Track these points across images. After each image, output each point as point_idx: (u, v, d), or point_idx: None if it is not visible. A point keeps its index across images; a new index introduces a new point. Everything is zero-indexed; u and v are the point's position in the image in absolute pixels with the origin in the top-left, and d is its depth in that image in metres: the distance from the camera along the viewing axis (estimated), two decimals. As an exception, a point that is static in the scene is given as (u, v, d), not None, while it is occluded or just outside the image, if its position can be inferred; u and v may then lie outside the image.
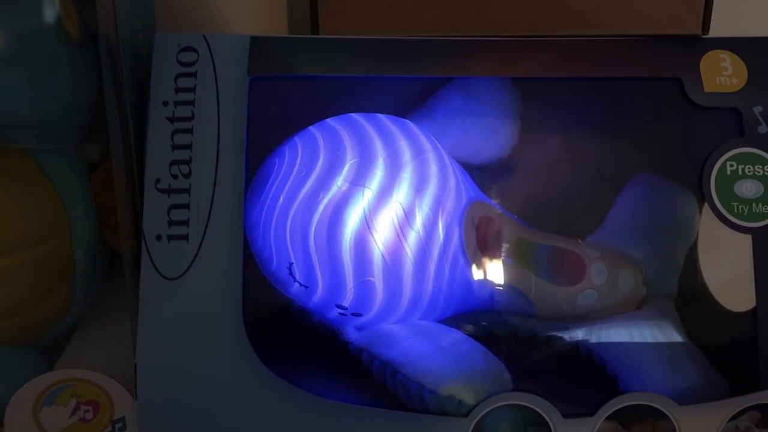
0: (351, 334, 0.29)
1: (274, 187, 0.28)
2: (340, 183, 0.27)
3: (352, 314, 0.28)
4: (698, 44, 0.29)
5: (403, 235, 0.27)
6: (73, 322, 0.29)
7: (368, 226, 0.27)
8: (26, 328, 0.27)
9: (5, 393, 0.25)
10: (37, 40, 0.25)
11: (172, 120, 0.26)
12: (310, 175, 0.27)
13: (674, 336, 0.31)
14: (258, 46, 0.27)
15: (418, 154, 0.29)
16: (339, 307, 0.28)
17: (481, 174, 0.33)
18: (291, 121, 0.29)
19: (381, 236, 0.27)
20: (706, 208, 0.29)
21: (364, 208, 0.27)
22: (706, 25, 0.29)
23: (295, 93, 0.30)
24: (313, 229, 0.27)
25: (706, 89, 0.28)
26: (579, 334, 0.31)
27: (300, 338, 0.29)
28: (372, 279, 0.27)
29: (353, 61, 0.29)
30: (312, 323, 0.30)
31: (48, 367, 0.27)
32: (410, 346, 0.28)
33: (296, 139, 0.29)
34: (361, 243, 0.27)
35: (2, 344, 0.27)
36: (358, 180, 0.27)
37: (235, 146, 0.26)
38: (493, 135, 0.34)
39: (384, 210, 0.27)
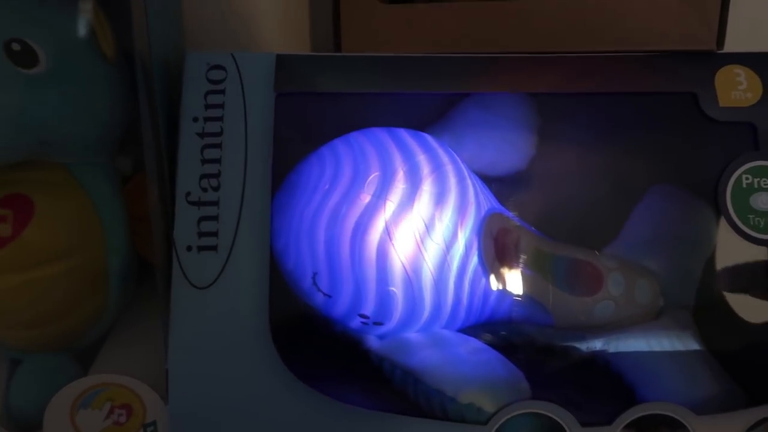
0: (372, 342, 0.30)
1: (299, 199, 0.29)
2: (362, 196, 0.28)
3: (374, 323, 0.29)
4: (713, 59, 0.30)
5: (423, 247, 0.28)
6: (106, 329, 0.30)
7: (389, 238, 0.28)
8: (62, 334, 0.28)
9: (43, 397, 0.26)
10: (75, 60, 0.26)
11: (201, 135, 0.28)
12: (334, 188, 0.28)
13: (692, 346, 0.31)
14: (283, 64, 0.28)
15: (438, 167, 0.30)
16: (361, 316, 0.29)
17: (499, 186, 0.33)
18: (315, 135, 0.30)
19: (402, 247, 0.28)
20: (722, 220, 0.30)
21: (385, 220, 0.28)
22: (720, 40, 0.29)
23: (318, 109, 0.31)
24: (336, 240, 0.28)
25: (721, 104, 0.29)
26: (596, 344, 0.32)
27: (323, 346, 0.30)
28: (393, 289, 0.28)
29: (374, 77, 0.30)
30: (335, 332, 0.30)
31: (83, 372, 0.29)
32: (430, 355, 0.28)
33: (321, 152, 0.30)
34: (383, 254, 0.28)
35: (39, 350, 0.28)
36: (380, 193, 0.28)
37: (262, 160, 0.27)
38: (510, 148, 0.35)
39: (405, 222, 0.28)
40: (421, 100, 0.34)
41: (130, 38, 0.28)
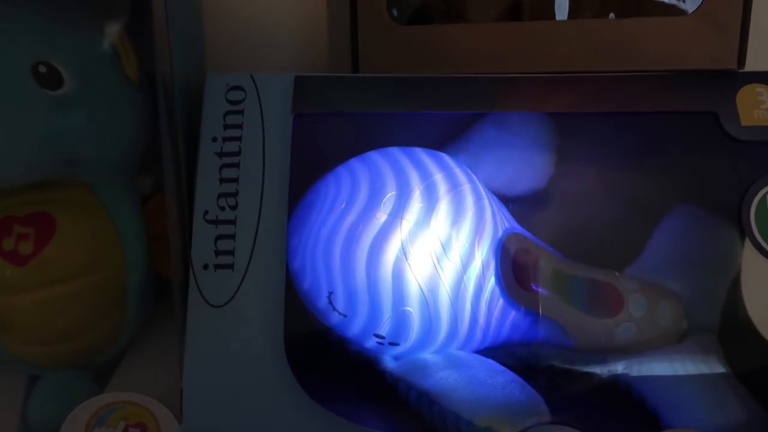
0: (388, 363, 0.30)
1: (315, 219, 0.29)
2: (378, 215, 0.28)
3: (390, 343, 0.29)
4: (734, 78, 0.29)
5: (440, 267, 0.28)
6: (124, 346, 0.30)
7: (405, 257, 0.28)
8: (81, 351, 0.28)
9: (60, 414, 0.27)
10: (99, 82, 0.27)
11: (220, 155, 0.28)
12: (351, 208, 0.28)
13: (717, 370, 0.30)
14: (301, 85, 0.29)
15: (455, 187, 0.30)
16: (377, 336, 0.29)
17: (517, 206, 0.33)
18: (332, 155, 0.30)
19: (418, 267, 0.28)
20: (747, 241, 0.29)
21: (401, 240, 0.28)
22: (741, 59, 0.29)
23: (336, 129, 0.31)
24: (352, 259, 0.28)
25: (743, 122, 0.28)
26: (617, 367, 0.31)
27: (338, 366, 0.30)
28: (409, 309, 0.28)
29: (392, 98, 0.31)
30: (350, 352, 0.30)
31: (100, 389, 0.29)
32: (447, 377, 0.28)
33: (337, 172, 0.30)
34: (399, 274, 0.27)
35: (58, 367, 0.28)
36: (396, 212, 0.28)
37: (280, 180, 0.28)
38: (528, 167, 0.34)
39: (421, 241, 0.28)
40: (439, 120, 0.34)
41: (152, 60, 0.28)
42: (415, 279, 0.28)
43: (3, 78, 0.24)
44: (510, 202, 0.33)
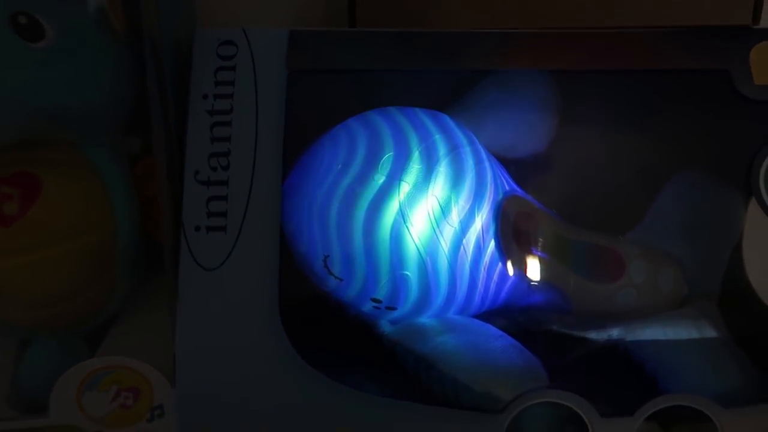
0: (385, 327, 0.29)
1: (311, 180, 0.28)
2: (376, 177, 0.27)
3: (386, 308, 0.28)
4: (748, 35, 0.28)
5: (439, 230, 0.27)
6: (113, 312, 0.29)
7: (404, 220, 0.27)
8: (70, 316, 0.28)
9: (51, 379, 0.26)
10: (84, 34, 0.25)
11: (211, 113, 0.27)
12: (348, 169, 0.27)
13: (717, 336, 0.30)
14: (296, 40, 0.28)
15: (455, 148, 0.29)
16: (374, 300, 0.28)
17: (518, 168, 0.32)
18: (328, 115, 0.29)
19: (417, 230, 0.27)
20: (753, 204, 0.28)
21: (400, 202, 0.27)
22: (756, 14, 0.28)
23: (333, 87, 0.30)
24: (349, 222, 0.27)
25: (757, 81, 0.27)
26: (617, 333, 0.31)
27: (334, 330, 0.29)
28: (407, 273, 0.27)
29: (391, 54, 0.29)
30: (346, 316, 0.30)
31: (90, 355, 0.28)
32: (445, 341, 0.28)
33: (334, 132, 0.29)
34: (397, 237, 0.27)
35: (48, 332, 0.28)
36: (394, 173, 0.27)
37: (273, 139, 0.27)
38: (530, 129, 0.33)
39: (420, 204, 0.27)
40: (439, 79, 0.33)
41: (140, 13, 0.27)
42: (413, 242, 0.27)
43: None
44: (511, 164, 0.32)
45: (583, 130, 0.35)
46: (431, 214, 0.27)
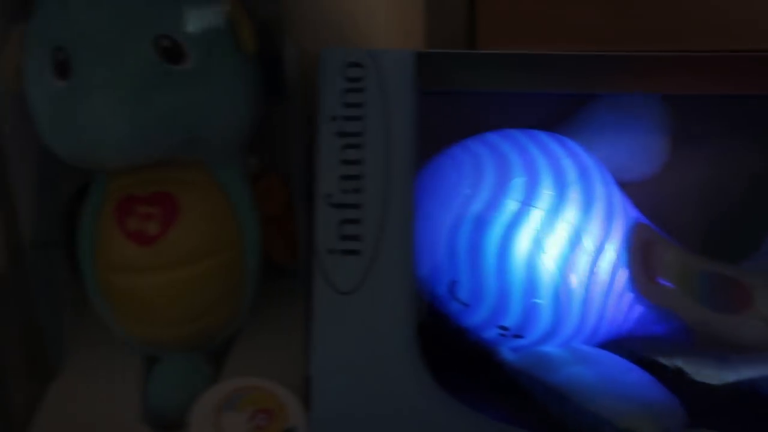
0: (507, 354, 0.29)
1: (435, 204, 0.28)
2: (508, 202, 0.26)
3: (513, 336, 0.28)
4: None
5: (572, 257, 0.26)
6: (236, 330, 0.29)
7: (537, 247, 0.26)
8: (199, 335, 0.28)
9: (181, 396, 0.26)
10: (219, 56, 0.26)
11: (341, 135, 0.27)
12: (477, 194, 0.27)
13: None
14: (424, 61, 0.27)
15: (583, 173, 0.28)
16: (501, 327, 0.27)
17: (631, 192, 0.31)
18: (458, 136, 0.29)
19: (550, 258, 0.26)
20: None
21: (534, 229, 0.26)
22: None
23: (460, 108, 0.30)
24: (481, 248, 0.26)
25: None
26: (745, 367, 0.29)
27: (455, 355, 0.29)
28: (539, 301, 0.26)
29: (514, 76, 0.29)
30: (466, 341, 0.29)
31: (215, 373, 0.28)
32: (578, 373, 0.27)
33: (454, 154, 0.29)
34: (531, 264, 0.26)
35: (175, 349, 0.28)
36: (527, 199, 0.27)
37: (405, 161, 0.26)
38: (643, 152, 0.33)
39: (553, 230, 0.26)
40: (552, 100, 0.33)
41: (268, 34, 0.27)
42: (547, 270, 0.26)
43: (128, 52, 0.23)
44: (624, 188, 0.31)
45: (696, 154, 0.34)
46: (564, 242, 0.26)
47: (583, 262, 0.27)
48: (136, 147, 0.23)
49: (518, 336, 0.28)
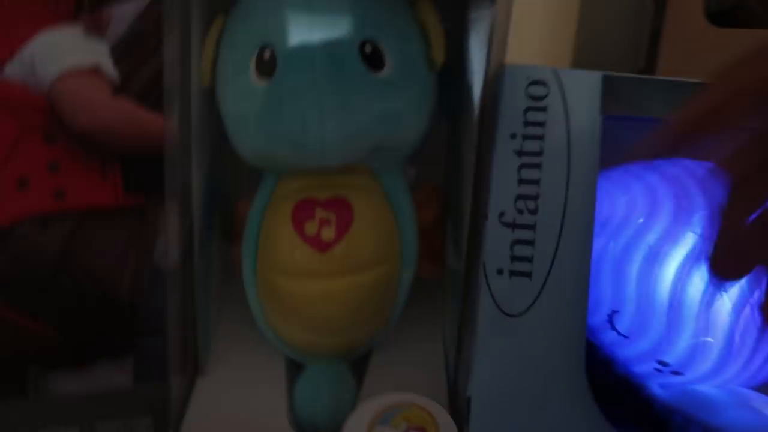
0: (656, 389, 0.28)
1: (601, 230, 0.27)
2: (687, 235, 0.26)
3: (672, 372, 0.27)
4: None
5: (751, 296, 0.26)
6: (379, 342, 0.29)
7: (718, 285, 0.25)
8: (351, 344, 0.28)
9: (326, 406, 0.26)
10: (413, 65, 0.26)
11: (519, 153, 0.26)
12: (651, 224, 0.26)
13: None
14: (611, 85, 0.27)
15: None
16: (660, 363, 0.27)
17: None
18: (616, 161, 0.28)
19: (730, 296, 0.25)
20: None
21: (714, 266, 0.25)
22: None
23: (638, 134, 0.29)
24: (653, 281, 0.26)
25: None
26: None
27: (606, 387, 0.28)
28: (711, 340, 0.26)
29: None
30: (614, 373, 0.29)
31: (357, 383, 0.28)
32: (741, 417, 0.26)
33: (623, 181, 0.28)
34: (708, 302, 0.25)
35: (327, 357, 0.28)
36: (707, 233, 0.26)
37: (586, 186, 0.26)
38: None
39: (733, 269, 0.25)
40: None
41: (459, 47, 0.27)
42: (727, 309, 0.25)
43: (336, 56, 0.23)
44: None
45: None
46: (746, 280, 0.25)
47: (755, 300, 0.26)
48: (338, 150, 0.23)
49: (677, 373, 0.27)
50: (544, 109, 0.26)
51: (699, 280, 0.25)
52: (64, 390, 0.38)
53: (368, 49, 0.24)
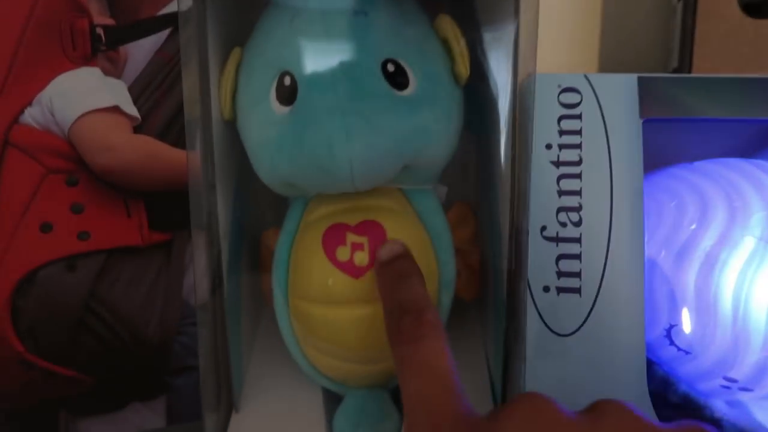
0: (720, 409, 0.26)
1: (655, 240, 0.26)
2: (745, 239, 0.24)
3: (740, 388, 0.25)
4: None
5: (821, 304, 0.24)
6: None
7: (784, 292, 0.23)
8: (389, 371, 0.26)
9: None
10: (439, 82, 0.24)
11: (557, 164, 0.25)
12: (705, 229, 0.25)
13: None
14: (647, 86, 0.25)
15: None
16: (727, 379, 0.25)
17: None
18: (658, 164, 0.27)
19: (798, 303, 0.23)
20: None
21: (779, 270, 0.24)
22: None
23: (687, 137, 0.27)
24: (713, 291, 0.24)
25: None
26: None
27: (667, 407, 0.26)
28: (783, 352, 0.24)
29: (743, 101, 0.27)
30: (678, 391, 0.27)
31: (398, 411, 0.27)
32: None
33: (674, 185, 0.27)
34: (775, 310, 0.23)
35: (364, 385, 0.27)
36: (766, 236, 0.24)
37: (631, 193, 0.24)
38: None
39: (797, 273, 0.24)
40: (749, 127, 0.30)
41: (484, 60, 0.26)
42: (796, 318, 0.23)
43: (358, 78, 0.22)
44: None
45: None
46: (813, 286, 0.24)
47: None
48: (367, 172, 0.22)
49: (746, 389, 0.25)
50: (578, 116, 0.25)
51: (764, 287, 0.24)
52: (97, 435, 0.37)
53: (391, 68, 0.23)
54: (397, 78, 0.23)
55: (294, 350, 0.27)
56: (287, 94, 0.23)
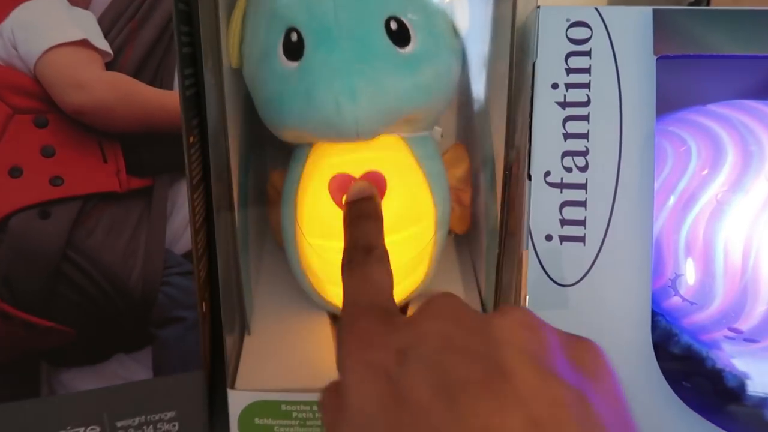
0: (723, 360, 0.25)
1: (665, 185, 0.24)
2: (761, 185, 0.23)
3: (745, 339, 0.24)
4: None
5: (835, 253, 0.23)
6: (416, 298, 0.29)
7: (796, 241, 0.22)
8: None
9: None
10: (440, 37, 0.25)
11: (563, 105, 0.23)
12: (716, 175, 0.23)
13: None
14: (663, 20, 0.23)
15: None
16: (732, 330, 0.24)
17: None
18: (698, 108, 0.25)
19: (810, 253, 0.22)
20: None
21: (793, 218, 0.22)
22: None
23: (702, 76, 0.26)
24: (722, 240, 0.23)
25: None
26: None
27: (670, 358, 0.26)
28: (791, 303, 0.23)
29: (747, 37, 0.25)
30: (681, 343, 0.26)
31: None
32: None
33: (686, 128, 0.25)
34: (786, 260, 0.22)
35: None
36: (781, 182, 0.23)
37: (642, 137, 0.23)
38: None
39: (812, 221, 0.23)
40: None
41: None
42: (807, 268, 0.22)
43: (363, 35, 0.23)
44: None
45: None
46: (829, 235, 0.23)
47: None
48: (372, 127, 0.23)
49: (751, 341, 0.24)
50: (587, 53, 0.23)
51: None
52: (79, 387, 0.36)
53: (394, 25, 0.23)
54: (399, 36, 0.23)
55: (303, 281, 0.28)
56: (294, 50, 0.23)
